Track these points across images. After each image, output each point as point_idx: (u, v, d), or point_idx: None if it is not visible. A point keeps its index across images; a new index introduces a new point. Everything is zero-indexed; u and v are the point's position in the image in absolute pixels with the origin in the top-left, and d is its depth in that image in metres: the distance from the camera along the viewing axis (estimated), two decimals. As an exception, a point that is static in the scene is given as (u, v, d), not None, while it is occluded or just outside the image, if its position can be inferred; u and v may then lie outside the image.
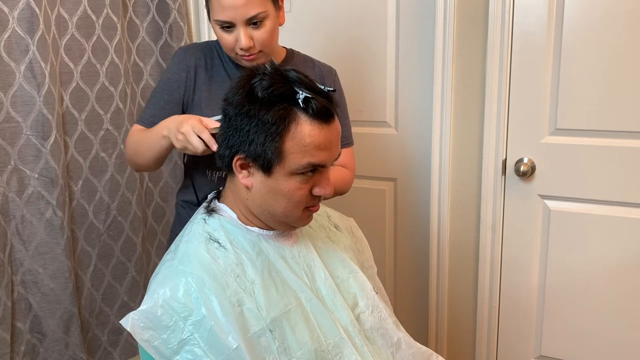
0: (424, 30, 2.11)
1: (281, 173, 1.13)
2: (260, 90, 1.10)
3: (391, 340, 1.29)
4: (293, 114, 1.10)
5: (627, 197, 1.91)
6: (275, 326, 1.12)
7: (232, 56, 1.57)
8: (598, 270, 1.99)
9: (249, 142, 1.12)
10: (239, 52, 1.52)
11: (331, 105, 1.13)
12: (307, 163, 1.11)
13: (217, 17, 1.49)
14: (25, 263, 2.00)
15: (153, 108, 1.63)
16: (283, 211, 1.17)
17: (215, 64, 1.63)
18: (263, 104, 1.10)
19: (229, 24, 1.48)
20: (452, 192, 2.14)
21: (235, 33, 1.50)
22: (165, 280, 1.12)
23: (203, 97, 1.61)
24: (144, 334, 1.08)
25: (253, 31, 1.50)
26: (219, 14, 1.48)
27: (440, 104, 2.08)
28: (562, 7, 1.87)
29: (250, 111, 1.11)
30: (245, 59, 1.54)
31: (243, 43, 1.49)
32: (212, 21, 1.52)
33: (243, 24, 1.48)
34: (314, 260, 1.26)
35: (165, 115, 1.57)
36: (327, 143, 1.13)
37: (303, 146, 1.10)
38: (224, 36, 1.52)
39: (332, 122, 1.14)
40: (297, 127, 1.10)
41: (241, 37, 1.49)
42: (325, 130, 1.12)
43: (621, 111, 1.86)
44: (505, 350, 2.19)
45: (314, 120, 1.11)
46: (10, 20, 1.87)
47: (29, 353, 2.04)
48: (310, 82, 1.13)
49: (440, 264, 2.21)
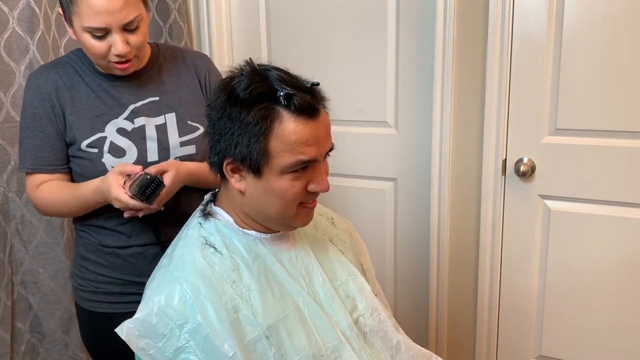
0: (424, 30, 2.10)
1: (271, 173, 1.12)
2: (240, 91, 1.09)
3: (390, 343, 1.28)
4: (275, 112, 1.09)
5: (627, 197, 1.91)
6: (272, 332, 1.12)
7: (102, 65, 1.46)
8: (598, 270, 1.99)
9: (234, 145, 1.11)
10: (113, 59, 1.41)
11: (315, 100, 1.12)
12: (295, 161, 1.11)
13: (88, 24, 1.35)
14: (25, 263, 2.01)
15: (33, 151, 1.50)
16: (277, 211, 1.16)
17: (75, 81, 1.50)
18: (244, 105, 1.09)
19: (103, 31, 1.36)
20: (452, 192, 2.14)
21: (108, 40, 1.38)
22: (160, 287, 1.12)
23: (72, 121, 1.49)
24: (139, 342, 1.08)
25: (129, 36, 1.40)
26: (90, 20, 1.34)
27: (440, 104, 2.07)
28: (562, 7, 1.86)
29: (232, 114, 1.10)
30: (119, 67, 1.44)
31: (120, 49, 1.38)
32: (78, 29, 1.38)
33: (119, 30, 1.37)
34: (311, 263, 1.26)
35: (49, 154, 1.50)
36: (314, 138, 1.11)
37: (289, 144, 1.09)
38: (94, 45, 1.38)
39: (318, 116, 1.12)
40: (281, 126, 1.09)
41: (118, 44, 1.38)
42: (310, 126, 1.11)
43: (621, 111, 1.86)
44: (505, 350, 2.20)
45: (298, 116, 1.09)
46: (10, 20, 1.87)
47: (29, 353, 2.05)
48: (292, 78, 1.12)
49: (440, 264, 2.21)
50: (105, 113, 1.49)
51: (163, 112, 1.55)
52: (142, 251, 1.56)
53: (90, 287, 1.59)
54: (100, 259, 1.57)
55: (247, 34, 2.47)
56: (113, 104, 1.51)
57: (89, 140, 1.48)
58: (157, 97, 1.55)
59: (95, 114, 1.49)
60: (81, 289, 1.61)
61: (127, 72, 1.48)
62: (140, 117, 1.52)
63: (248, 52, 2.46)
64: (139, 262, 1.56)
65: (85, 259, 1.59)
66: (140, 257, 1.56)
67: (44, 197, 1.52)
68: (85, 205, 1.48)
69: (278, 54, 2.42)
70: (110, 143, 1.48)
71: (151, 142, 1.52)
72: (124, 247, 1.55)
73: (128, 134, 1.50)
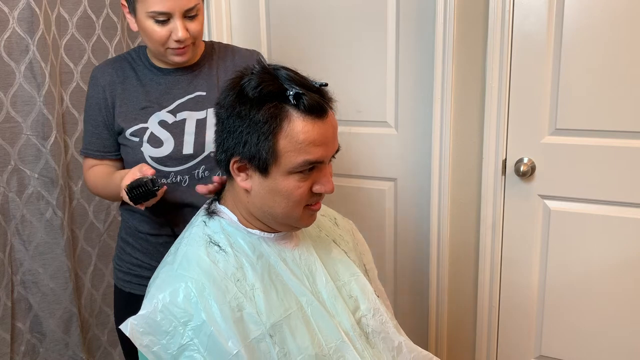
0: (424, 30, 2.10)
1: (278, 173, 1.12)
2: (250, 90, 1.10)
3: (392, 344, 1.28)
4: (284, 111, 1.09)
5: (627, 197, 1.91)
6: (276, 331, 1.12)
7: (160, 52, 1.54)
8: (598, 270, 1.99)
9: (242, 143, 1.11)
10: (172, 45, 1.50)
11: (324, 100, 1.12)
12: (303, 161, 1.11)
13: (153, 9, 1.45)
14: (25, 263, 2.01)
15: (88, 136, 1.65)
16: (283, 211, 1.17)
17: (128, 75, 1.61)
18: (253, 104, 1.09)
19: (166, 16, 1.46)
20: (452, 192, 2.14)
21: (169, 26, 1.47)
22: (164, 285, 1.12)
23: (120, 112, 1.59)
24: (143, 339, 1.08)
25: (188, 23, 1.49)
26: (155, 5, 1.44)
27: (440, 104, 2.07)
28: (562, 7, 1.87)
29: (241, 112, 1.10)
30: (178, 52, 1.52)
31: (181, 35, 1.47)
32: (142, 15, 1.47)
33: (180, 16, 1.46)
34: (315, 263, 1.26)
35: (98, 141, 1.63)
36: (322, 139, 1.12)
37: (297, 143, 1.09)
38: (155, 30, 1.48)
39: (326, 116, 1.12)
40: (290, 125, 1.09)
41: (179, 29, 1.46)
42: (319, 126, 1.11)
43: (621, 111, 1.86)
44: (505, 350, 2.20)
45: (306, 116, 1.09)
46: (10, 20, 1.87)
47: (29, 353, 2.05)
48: (301, 78, 1.12)
49: (440, 264, 2.21)
50: (150, 106, 1.58)
51: (206, 107, 1.60)
52: (171, 241, 1.59)
53: (125, 268, 1.69)
54: (136, 243, 1.67)
55: (247, 34, 2.47)
56: (160, 98, 1.59)
57: (132, 129, 1.57)
58: (205, 92, 1.62)
59: (141, 107, 1.58)
60: (118, 268, 1.72)
61: (183, 59, 1.55)
62: (184, 111, 1.59)
63: (248, 52, 2.46)
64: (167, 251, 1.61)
65: (124, 241, 1.70)
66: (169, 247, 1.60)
67: (90, 180, 1.67)
68: (114, 191, 1.53)
69: (278, 53, 2.42)
70: (150, 134, 1.57)
71: (188, 136, 1.58)
72: (155, 234, 1.64)
73: (168, 126, 1.58)
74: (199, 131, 1.59)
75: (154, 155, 1.57)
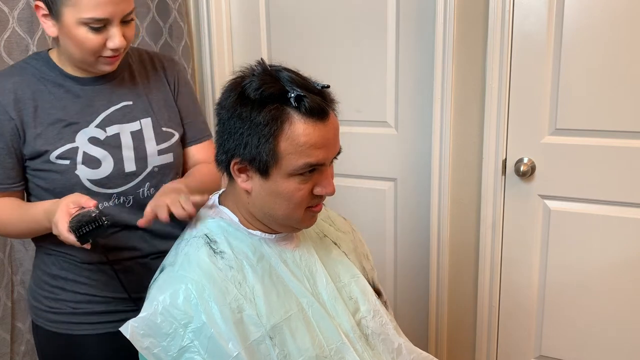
0: (424, 30, 2.10)
1: (279, 175, 1.12)
2: (251, 91, 1.09)
3: (392, 346, 1.28)
4: (285, 113, 1.09)
5: (627, 197, 1.91)
6: (276, 333, 1.12)
7: (89, 61, 1.36)
8: (598, 270, 1.99)
9: (243, 145, 1.11)
10: (107, 53, 1.34)
11: (325, 102, 1.12)
12: (304, 163, 1.11)
13: (89, 15, 1.26)
14: (25, 263, 2.00)
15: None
16: (284, 213, 1.17)
17: (37, 89, 1.39)
18: (254, 106, 1.09)
19: (103, 22, 1.29)
20: (452, 192, 2.14)
21: (105, 33, 1.31)
22: (164, 286, 1.12)
23: (35, 133, 1.37)
24: (143, 341, 1.08)
25: (124, 29, 1.34)
26: (91, 10, 1.26)
27: (440, 104, 2.07)
28: (562, 7, 1.87)
29: (242, 114, 1.10)
30: (110, 61, 1.37)
31: (118, 42, 1.31)
32: (71, 22, 1.28)
33: (119, 22, 1.31)
34: (315, 264, 1.26)
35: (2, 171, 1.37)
36: (323, 141, 1.12)
37: (298, 146, 1.09)
38: (89, 38, 1.30)
39: (327, 119, 1.12)
40: (291, 127, 1.09)
41: (116, 37, 1.31)
42: (320, 128, 1.11)
43: (621, 111, 1.86)
44: (505, 350, 2.20)
45: (308, 118, 1.09)
46: (10, 20, 1.86)
47: (29, 353, 2.05)
48: (303, 79, 1.12)
49: (440, 264, 2.21)
50: (75, 122, 1.39)
51: (138, 118, 1.47)
52: (116, 269, 1.42)
53: (67, 309, 1.46)
54: (80, 276, 1.46)
55: (247, 34, 2.47)
56: (83, 111, 1.41)
57: (59, 152, 1.37)
58: (131, 101, 1.47)
59: (63, 124, 1.38)
60: (53, 311, 1.47)
61: (113, 68, 1.40)
62: (113, 125, 1.43)
63: (248, 52, 2.46)
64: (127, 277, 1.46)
65: (57, 277, 1.47)
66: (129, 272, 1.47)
67: None
68: (33, 226, 1.36)
69: (278, 54, 2.42)
70: (83, 154, 1.38)
71: (127, 151, 1.44)
72: (103, 262, 1.44)
73: (101, 143, 1.41)
74: (138, 145, 1.45)
75: (92, 178, 1.39)
